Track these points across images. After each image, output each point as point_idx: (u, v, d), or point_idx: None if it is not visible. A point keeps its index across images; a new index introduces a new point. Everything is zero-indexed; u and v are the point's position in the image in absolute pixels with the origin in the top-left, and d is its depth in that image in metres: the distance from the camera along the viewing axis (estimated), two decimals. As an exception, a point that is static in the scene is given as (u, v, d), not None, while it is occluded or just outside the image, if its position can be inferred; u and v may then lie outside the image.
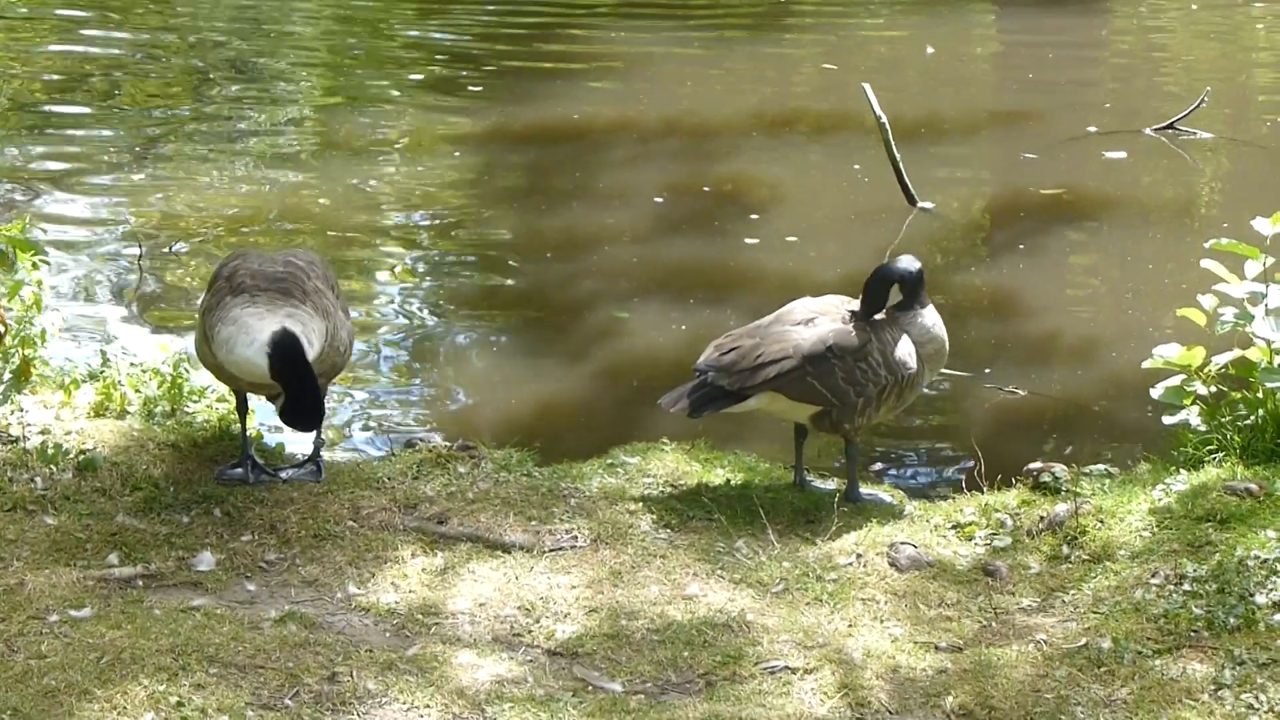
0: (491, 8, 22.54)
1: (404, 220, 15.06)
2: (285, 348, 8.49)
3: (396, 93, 18.87)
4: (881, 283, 9.31)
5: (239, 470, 9.14)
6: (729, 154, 16.73)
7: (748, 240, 14.46)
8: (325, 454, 9.49)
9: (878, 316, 9.34)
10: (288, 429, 8.96)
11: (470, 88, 18.91)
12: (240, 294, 8.74)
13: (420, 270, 14.08)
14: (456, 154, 16.72)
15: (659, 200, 15.35)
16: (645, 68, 19.78)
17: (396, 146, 16.92)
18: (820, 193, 15.82)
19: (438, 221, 15.05)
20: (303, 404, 8.63)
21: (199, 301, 9.38)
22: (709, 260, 14.08)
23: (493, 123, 17.53)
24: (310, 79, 19.71)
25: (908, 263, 9.34)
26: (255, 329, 8.52)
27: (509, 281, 13.85)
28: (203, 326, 8.88)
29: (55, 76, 18.98)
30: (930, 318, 9.43)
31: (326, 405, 9.50)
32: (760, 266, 13.91)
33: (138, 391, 9.74)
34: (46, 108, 17.87)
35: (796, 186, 15.88)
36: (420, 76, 19.56)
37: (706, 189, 15.65)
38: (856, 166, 16.32)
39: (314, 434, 9.32)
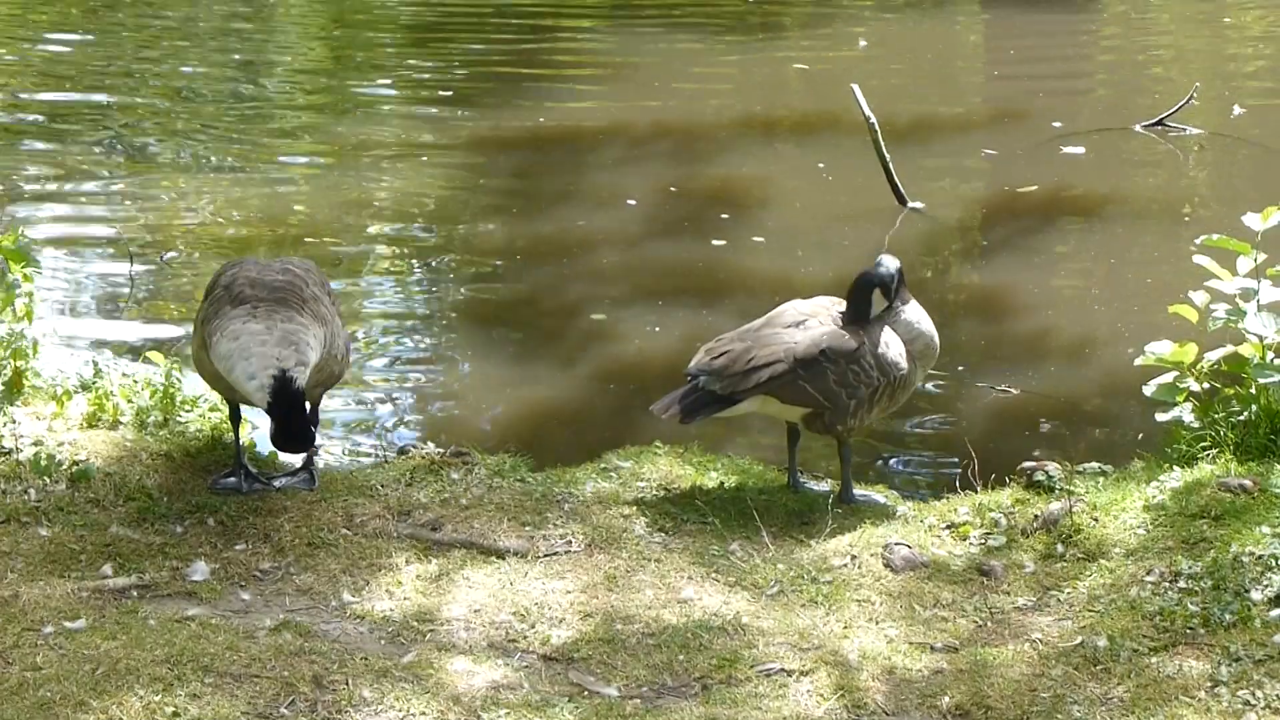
0: (480, 14, 22.54)
1: (394, 227, 15.05)
2: (284, 396, 8.49)
3: (385, 99, 18.87)
4: (865, 289, 9.30)
5: (232, 479, 9.14)
6: (718, 157, 16.73)
7: (738, 242, 14.45)
8: (318, 462, 9.48)
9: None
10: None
11: (459, 94, 18.91)
12: (240, 304, 8.74)
13: (411, 277, 14.07)
14: (446, 160, 16.71)
15: (633, 203, 15.34)
16: (633, 72, 19.79)
17: (386, 153, 16.91)
18: (810, 194, 15.83)
19: (428, 228, 15.05)
20: (291, 432, 8.62)
21: (195, 309, 9.35)
22: (699, 263, 14.08)
23: (482, 128, 17.53)
24: (300, 86, 19.70)
25: (887, 264, 9.32)
26: (256, 360, 8.51)
27: (499, 286, 13.84)
28: (200, 335, 8.87)
29: (45, 87, 18.96)
30: (913, 314, 9.42)
31: (320, 414, 9.50)
32: (751, 268, 13.91)
33: (130, 402, 9.72)
34: (37, 117, 17.84)
35: (786, 188, 15.89)
36: (409, 83, 19.56)
37: (695, 192, 15.65)
38: (846, 167, 16.33)
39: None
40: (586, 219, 15.02)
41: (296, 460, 9.45)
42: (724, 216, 15.00)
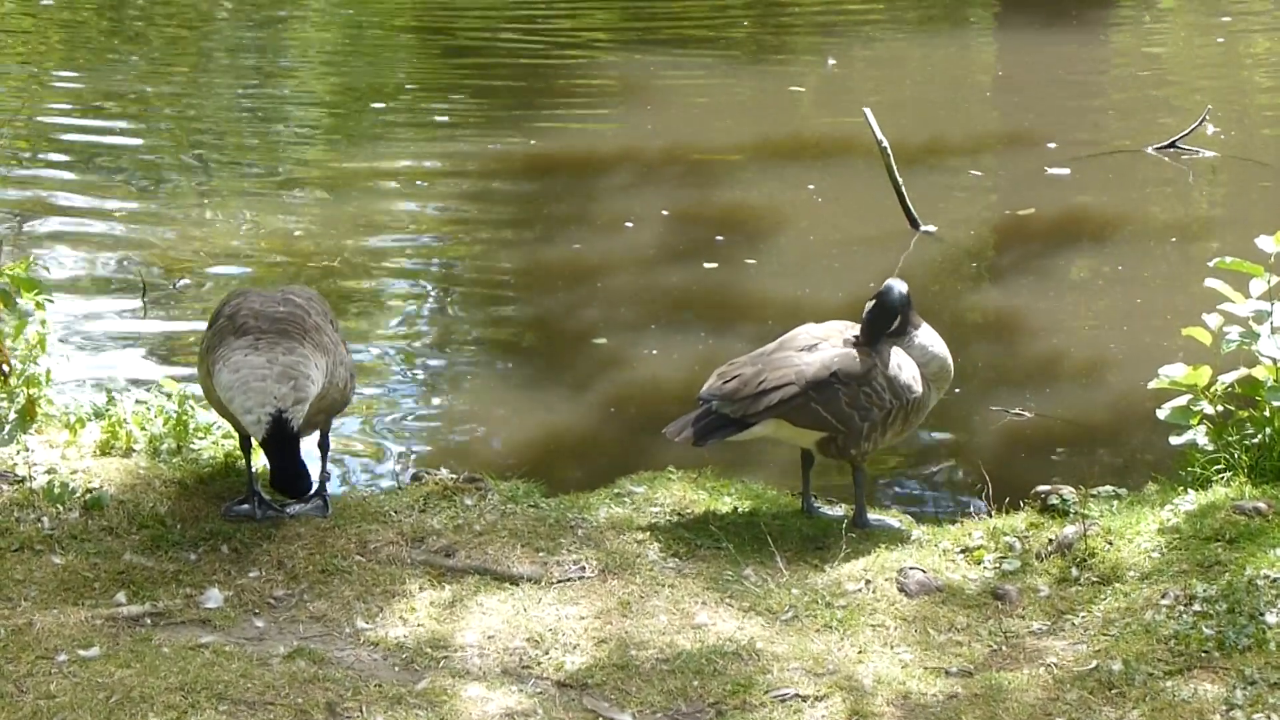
0: (492, 38, 22.60)
1: (406, 254, 15.06)
2: (279, 436, 8.65)
3: (397, 126, 18.89)
4: (891, 312, 9.28)
5: (246, 506, 9.15)
6: (730, 181, 16.74)
7: (751, 266, 14.46)
8: (331, 489, 9.49)
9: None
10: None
11: (470, 119, 18.94)
12: (243, 335, 8.81)
13: (423, 303, 14.08)
14: (457, 186, 16.73)
15: (630, 225, 15.34)
16: (645, 96, 19.80)
17: (398, 179, 16.93)
18: (823, 218, 15.83)
19: (440, 254, 15.07)
20: (286, 475, 8.81)
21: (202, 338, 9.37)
22: (712, 287, 14.08)
23: (493, 153, 17.54)
24: (312, 112, 19.74)
25: (899, 288, 9.32)
26: (255, 396, 8.64)
27: (512, 312, 13.85)
28: (205, 364, 8.94)
29: (57, 117, 19.01)
30: (927, 337, 9.42)
31: (330, 439, 9.52)
32: (764, 292, 13.91)
33: (143, 429, 9.73)
34: (50, 144, 17.89)
35: (799, 212, 15.89)
36: (421, 109, 19.59)
37: (703, 216, 15.65)
38: (856, 190, 16.33)
39: (319, 468, 9.36)
40: (590, 244, 15.02)
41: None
42: (733, 241, 14.99)
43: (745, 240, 15.06)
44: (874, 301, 9.31)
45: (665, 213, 15.66)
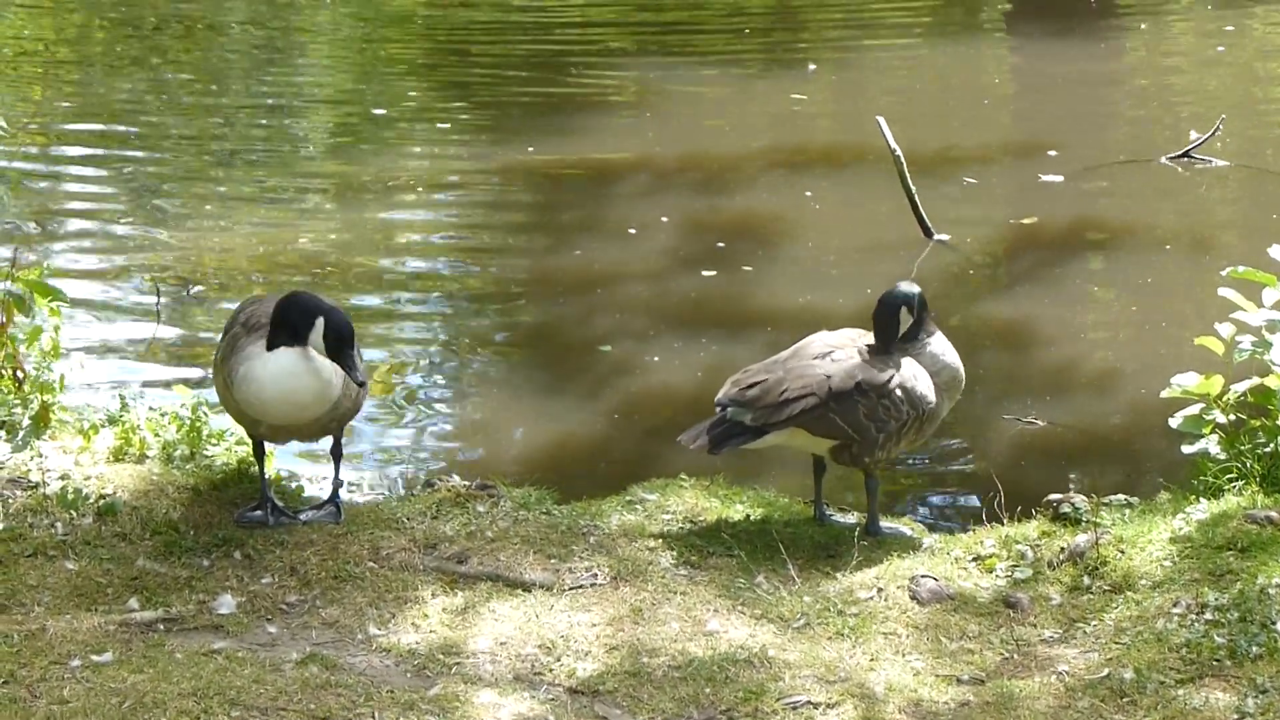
0: (504, 46, 22.63)
1: (415, 263, 15.07)
2: (288, 298, 8.65)
3: (411, 133, 18.92)
4: (890, 310, 9.29)
5: (258, 513, 9.16)
6: (743, 188, 16.73)
7: (759, 273, 14.46)
8: (344, 495, 9.50)
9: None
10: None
11: (483, 126, 18.95)
12: (254, 331, 8.80)
13: (436, 310, 14.09)
14: (470, 193, 16.74)
15: (633, 231, 15.35)
16: (658, 103, 19.81)
17: (411, 186, 16.95)
18: (836, 226, 15.82)
19: (452, 261, 15.07)
20: (336, 327, 8.63)
21: (216, 348, 9.37)
22: (724, 294, 14.08)
23: (505, 161, 17.55)
24: (325, 120, 19.77)
25: (904, 288, 9.32)
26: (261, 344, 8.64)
27: (524, 319, 13.86)
28: (222, 375, 8.90)
29: (72, 122, 19.04)
30: (938, 345, 9.41)
31: (343, 447, 9.50)
32: (776, 300, 13.91)
33: (157, 435, 9.75)
34: (65, 150, 17.92)
35: (809, 219, 15.88)
36: (435, 116, 19.61)
37: (714, 223, 15.65)
38: (867, 199, 16.32)
39: (332, 474, 9.37)
40: (594, 251, 15.02)
41: (323, 491, 9.51)
42: (741, 248, 14.98)
43: (753, 247, 15.06)
44: (887, 299, 9.29)
45: (665, 219, 15.65)
